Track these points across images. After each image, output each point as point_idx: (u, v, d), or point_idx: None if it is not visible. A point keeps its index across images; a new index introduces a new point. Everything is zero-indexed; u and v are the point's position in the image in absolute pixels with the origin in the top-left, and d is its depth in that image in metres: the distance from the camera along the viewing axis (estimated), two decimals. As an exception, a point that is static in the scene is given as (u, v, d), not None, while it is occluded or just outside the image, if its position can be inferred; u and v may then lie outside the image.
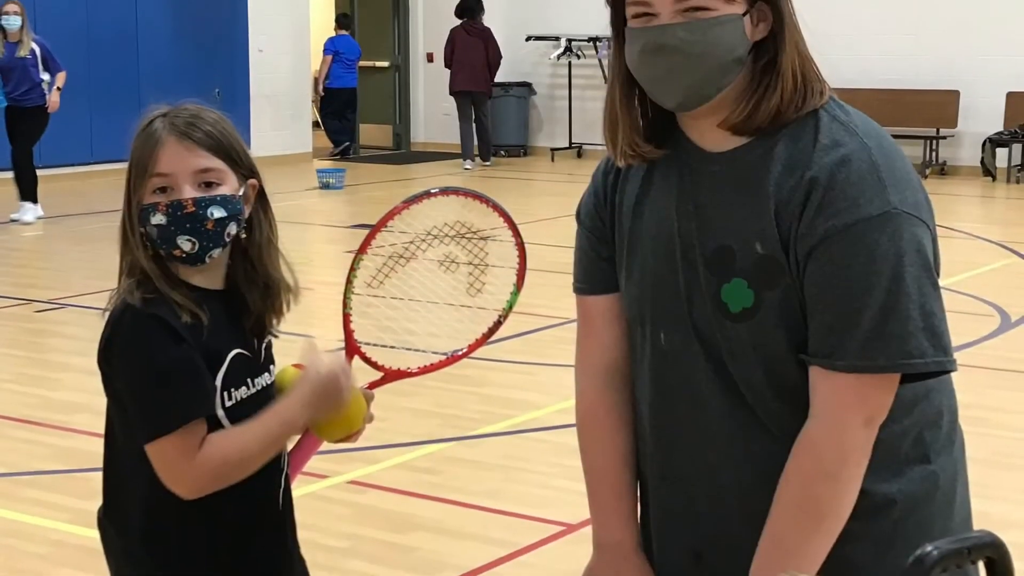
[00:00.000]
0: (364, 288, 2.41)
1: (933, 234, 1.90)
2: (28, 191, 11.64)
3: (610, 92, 2.00)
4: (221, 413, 2.10)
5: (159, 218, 2.09)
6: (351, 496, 4.92)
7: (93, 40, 14.24)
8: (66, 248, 10.53)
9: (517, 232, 2.43)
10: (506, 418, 5.89)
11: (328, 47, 17.24)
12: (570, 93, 17.22)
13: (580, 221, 2.13)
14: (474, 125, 16.11)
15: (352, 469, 5.13)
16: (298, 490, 2.37)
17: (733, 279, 1.91)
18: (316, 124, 17.81)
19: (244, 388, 2.15)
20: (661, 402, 2.02)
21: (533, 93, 17.57)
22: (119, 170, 2.25)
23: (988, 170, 14.60)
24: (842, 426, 1.85)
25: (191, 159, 2.10)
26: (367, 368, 2.37)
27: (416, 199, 2.38)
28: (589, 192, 2.12)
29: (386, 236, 2.42)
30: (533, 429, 5.73)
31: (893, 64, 15.18)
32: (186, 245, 2.10)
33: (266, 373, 2.22)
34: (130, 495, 2.14)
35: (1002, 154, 14.64)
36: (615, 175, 2.07)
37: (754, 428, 1.94)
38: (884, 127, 1.97)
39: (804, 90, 1.91)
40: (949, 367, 1.87)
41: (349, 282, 2.36)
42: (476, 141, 16.22)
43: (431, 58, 18.00)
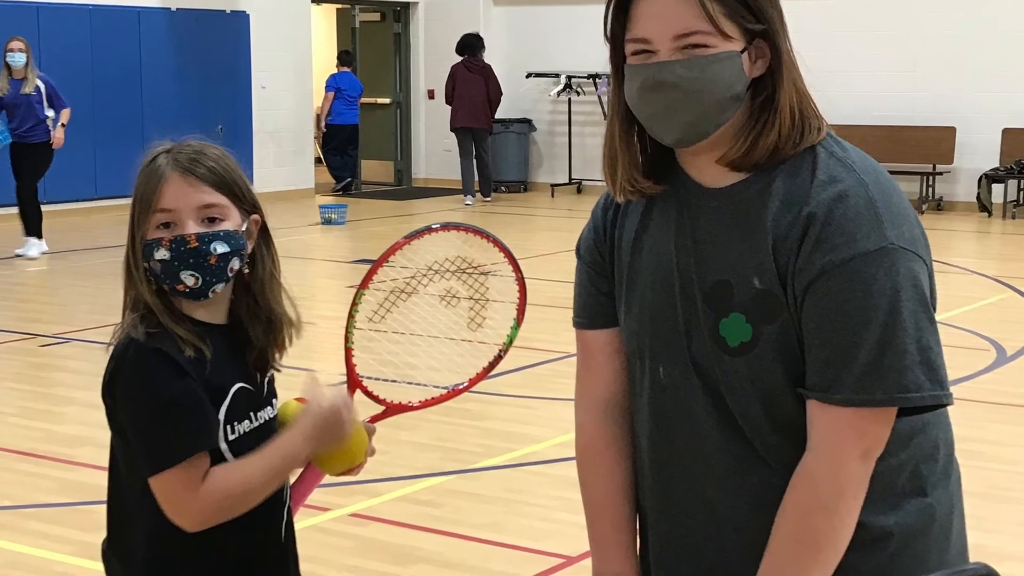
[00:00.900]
0: (366, 323, 2.42)
1: (929, 269, 1.91)
2: (33, 226, 11.67)
3: (609, 128, 2.02)
4: (224, 446, 2.11)
5: (163, 253, 2.11)
6: (353, 529, 4.92)
7: (97, 77, 14.31)
8: (70, 283, 10.56)
9: (517, 267, 2.44)
10: (506, 451, 5.89)
11: (330, 84, 17.32)
12: (570, 129, 17.28)
13: (580, 256, 2.14)
14: (475, 161, 16.16)
15: (354, 502, 5.13)
16: (300, 523, 2.38)
17: (731, 314, 1.93)
18: (318, 160, 17.86)
19: (247, 422, 2.16)
20: (660, 435, 2.03)
21: (533, 129, 17.64)
22: (123, 206, 2.27)
23: (984, 206, 14.66)
24: (839, 459, 1.86)
25: (194, 195, 2.12)
26: (369, 402, 2.38)
27: (417, 234, 2.39)
28: (589, 227, 2.13)
29: (388, 271, 2.43)
30: (533, 462, 5.74)
31: (890, 101, 15.26)
32: (189, 280, 2.11)
33: (268, 407, 2.23)
34: (134, 528, 2.15)
35: (998, 190, 14.71)
36: (614, 211, 2.09)
37: (752, 461, 1.95)
38: (881, 163, 1.98)
39: (802, 126, 1.93)
40: (945, 401, 1.87)
41: (351, 316, 2.37)
42: (477, 177, 16.26)
43: (432, 95, 18.08)
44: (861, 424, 1.85)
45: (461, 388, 2.50)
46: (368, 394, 2.39)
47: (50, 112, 11.53)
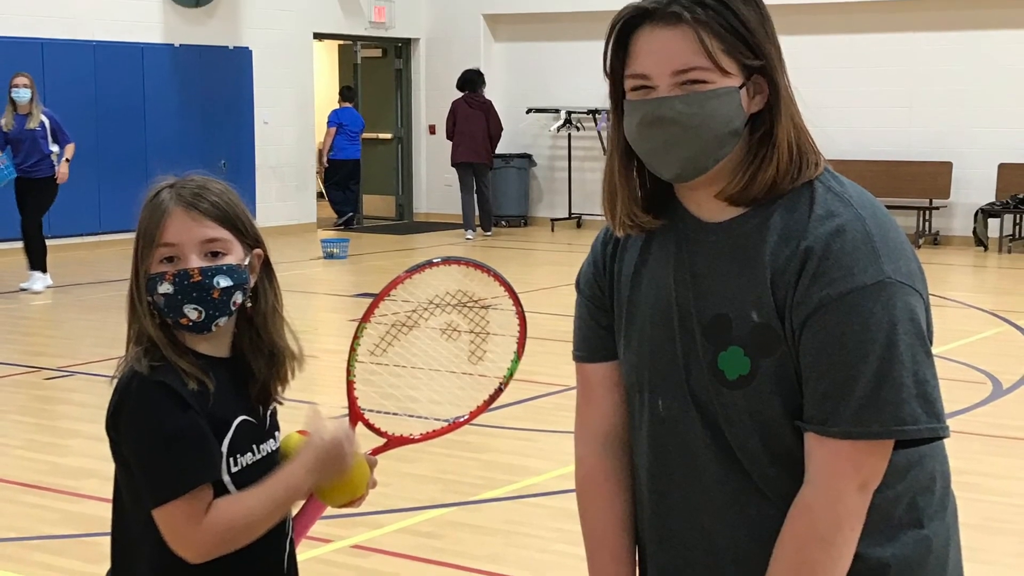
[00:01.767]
0: (367, 356, 2.43)
1: (926, 302, 1.92)
2: (37, 260, 11.71)
3: (609, 163, 2.04)
4: (227, 479, 2.13)
5: (166, 287, 2.12)
6: (355, 560, 4.92)
7: (101, 112, 14.37)
8: (75, 316, 10.57)
9: (518, 301, 2.45)
10: (507, 483, 5.89)
11: (332, 119, 17.39)
12: (570, 164, 17.34)
13: (580, 290, 2.16)
14: (475, 196, 16.21)
15: (355, 534, 5.14)
16: (302, 554, 2.38)
17: (730, 347, 1.94)
18: (320, 195, 17.91)
19: (249, 454, 2.17)
20: (659, 467, 2.04)
21: (533, 164, 17.70)
22: (127, 240, 2.29)
23: (980, 240, 14.70)
24: (837, 491, 1.87)
25: (197, 229, 2.14)
26: (370, 434, 2.39)
27: (418, 268, 2.41)
28: (588, 262, 2.15)
29: (389, 305, 2.45)
30: (533, 494, 5.74)
31: (887, 136, 15.33)
32: (192, 314, 2.13)
33: (271, 439, 2.24)
34: (138, 559, 2.16)
35: (994, 224, 14.76)
36: (614, 245, 2.10)
37: (750, 493, 1.96)
38: (878, 198, 2.00)
39: (800, 161, 1.94)
40: (942, 433, 1.89)
41: (353, 350, 2.38)
42: (477, 211, 16.30)
43: (433, 130, 18.15)
44: (858, 456, 1.86)
45: (462, 421, 2.51)
46: (370, 426, 2.40)
47: (54, 147, 11.58)
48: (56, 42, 13.99)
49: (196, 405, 2.09)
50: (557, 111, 17.08)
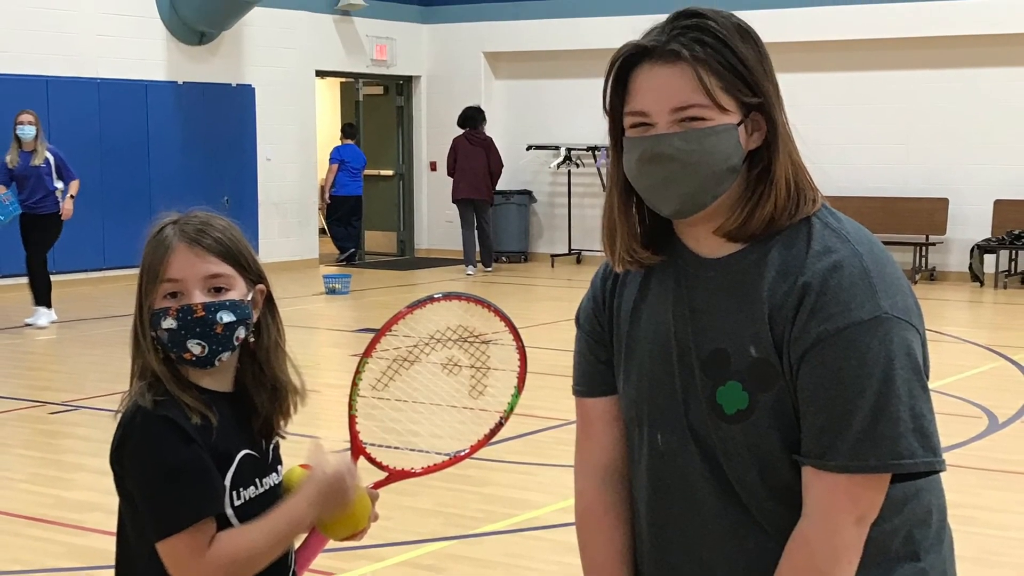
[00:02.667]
0: (369, 390, 2.44)
1: (923, 338, 1.94)
2: (42, 296, 11.72)
3: (608, 200, 2.05)
4: (230, 512, 2.14)
5: (170, 322, 2.14)
6: (356, 595, 4.92)
7: (105, 149, 14.42)
8: (79, 351, 10.59)
9: (518, 336, 2.46)
10: (507, 517, 5.90)
11: (334, 156, 17.45)
12: (569, 201, 17.39)
13: (579, 325, 2.17)
14: (476, 232, 16.24)
15: (357, 567, 5.13)
16: (304, 588, 2.39)
17: (728, 382, 1.95)
18: (322, 231, 17.95)
19: (252, 488, 2.18)
20: (658, 501, 2.05)
21: (533, 201, 17.75)
22: (131, 276, 2.31)
23: (976, 275, 14.74)
24: (834, 525, 1.88)
25: (201, 265, 2.15)
26: (372, 468, 2.40)
27: (420, 304, 2.42)
28: (588, 297, 2.16)
29: (391, 340, 2.46)
30: (534, 528, 5.74)
31: (884, 173, 15.38)
32: (196, 348, 2.14)
33: (274, 473, 2.25)
34: (141, 592, 2.17)
35: (990, 260, 14.80)
36: (613, 280, 2.12)
37: (748, 526, 1.97)
38: (875, 234, 2.01)
39: (797, 198, 1.96)
40: (938, 467, 1.90)
41: (355, 384, 2.40)
42: (478, 247, 16.34)
43: (434, 167, 18.22)
44: (855, 490, 1.87)
45: (463, 455, 2.52)
46: (371, 460, 2.41)
47: (59, 184, 11.61)
48: (61, 80, 14.06)
49: (199, 439, 2.10)
50: (557, 148, 17.15)
